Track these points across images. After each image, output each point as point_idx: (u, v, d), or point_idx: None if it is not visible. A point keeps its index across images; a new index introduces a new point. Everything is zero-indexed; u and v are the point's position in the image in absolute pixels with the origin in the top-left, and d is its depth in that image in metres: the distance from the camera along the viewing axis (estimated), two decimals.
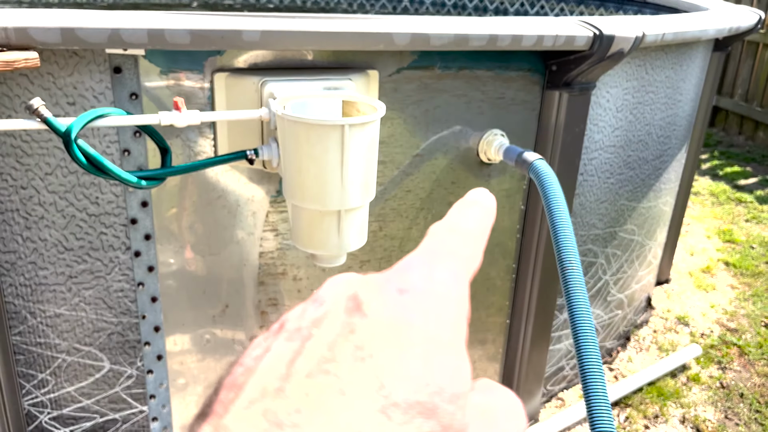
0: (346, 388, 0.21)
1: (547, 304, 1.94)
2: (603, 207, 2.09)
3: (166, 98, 1.33)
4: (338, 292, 0.24)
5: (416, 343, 0.22)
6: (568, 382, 2.36)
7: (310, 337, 0.23)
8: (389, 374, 0.21)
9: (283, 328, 0.24)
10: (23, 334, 1.45)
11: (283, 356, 0.22)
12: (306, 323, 0.23)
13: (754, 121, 5.23)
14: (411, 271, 0.25)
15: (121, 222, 1.40)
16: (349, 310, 0.23)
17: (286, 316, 0.25)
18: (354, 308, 0.23)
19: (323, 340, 0.22)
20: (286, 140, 1.18)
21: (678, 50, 2.10)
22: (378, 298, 0.23)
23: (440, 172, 1.66)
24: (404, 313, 0.23)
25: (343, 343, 0.22)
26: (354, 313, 0.23)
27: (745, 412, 2.28)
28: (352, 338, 0.22)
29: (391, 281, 0.24)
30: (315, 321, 0.23)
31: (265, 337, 0.24)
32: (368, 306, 0.23)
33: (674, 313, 2.85)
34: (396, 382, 0.21)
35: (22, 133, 1.28)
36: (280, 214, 1.53)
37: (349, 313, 0.23)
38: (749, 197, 4.18)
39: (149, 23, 1.15)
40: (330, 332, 0.22)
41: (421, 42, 1.34)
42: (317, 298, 0.25)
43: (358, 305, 0.23)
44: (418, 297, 0.23)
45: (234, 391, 0.22)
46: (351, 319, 0.23)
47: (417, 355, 0.22)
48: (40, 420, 1.54)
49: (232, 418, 0.21)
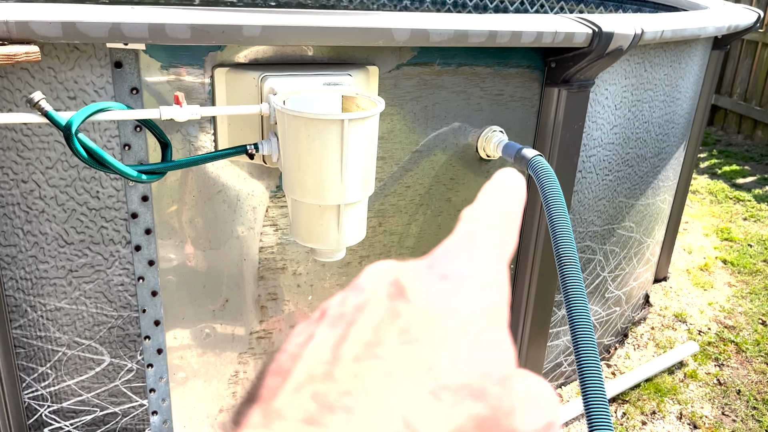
0: (394, 370, 0.21)
1: (545, 301, 1.95)
2: (601, 204, 2.09)
3: (167, 93, 1.33)
4: (379, 279, 0.24)
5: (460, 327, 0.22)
6: (566, 378, 2.37)
7: (354, 322, 0.23)
8: (437, 357, 0.21)
9: (325, 315, 0.24)
10: (24, 328, 1.45)
11: (328, 341, 0.22)
12: (349, 309, 0.23)
13: (753, 120, 5.24)
14: (450, 257, 0.25)
15: (121, 216, 1.41)
16: (392, 296, 0.23)
17: (327, 303, 0.25)
18: (397, 294, 0.23)
19: (368, 325, 0.22)
20: (286, 135, 1.18)
21: (677, 48, 2.11)
22: (420, 284, 0.23)
23: (439, 168, 1.66)
24: (447, 298, 0.23)
25: (388, 327, 0.22)
26: (397, 298, 0.23)
27: (742, 408, 2.29)
28: (398, 322, 0.22)
29: (432, 267, 0.24)
30: (358, 307, 0.23)
31: (307, 324, 0.24)
32: (411, 291, 0.23)
33: (672, 311, 2.86)
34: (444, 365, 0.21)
35: (23, 126, 1.28)
36: (280, 209, 1.53)
37: (392, 299, 0.23)
38: (747, 196, 4.19)
39: (150, 18, 1.15)
40: (374, 317, 0.22)
41: (421, 38, 1.35)
42: (357, 286, 0.25)
43: (401, 291, 0.23)
44: (459, 282, 0.24)
45: (280, 376, 0.22)
46: (395, 304, 0.23)
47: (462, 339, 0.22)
48: (40, 413, 1.55)
49: (281, 402, 0.21)
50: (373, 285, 0.24)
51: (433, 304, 0.23)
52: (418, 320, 0.22)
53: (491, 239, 0.26)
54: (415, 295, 0.23)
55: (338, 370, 0.21)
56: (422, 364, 0.21)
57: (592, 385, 1.05)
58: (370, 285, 0.24)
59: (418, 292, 0.23)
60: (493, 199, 0.28)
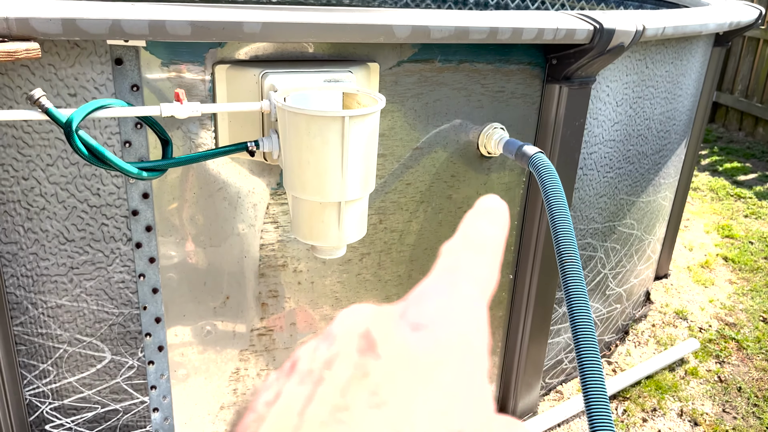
0: None
1: (546, 298, 1.95)
2: (602, 201, 2.09)
3: (167, 90, 1.33)
4: (350, 328, 0.23)
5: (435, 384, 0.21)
6: (566, 375, 2.37)
7: (321, 380, 0.21)
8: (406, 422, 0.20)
9: (294, 369, 0.23)
10: (25, 325, 1.45)
11: (295, 403, 0.21)
12: (317, 365, 0.22)
13: (754, 117, 5.23)
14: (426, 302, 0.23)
15: (122, 213, 1.41)
16: (362, 350, 0.22)
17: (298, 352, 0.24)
18: (367, 348, 0.22)
19: (335, 385, 0.21)
20: (287, 132, 1.18)
21: (678, 45, 2.10)
22: (391, 337, 0.22)
23: (440, 165, 1.66)
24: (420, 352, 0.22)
25: (356, 389, 0.21)
26: (367, 354, 0.22)
27: (742, 405, 2.29)
28: (366, 383, 0.21)
29: (405, 316, 0.23)
30: (326, 362, 0.22)
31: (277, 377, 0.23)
32: (381, 346, 0.22)
33: (673, 308, 2.86)
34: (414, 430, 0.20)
35: (23, 123, 1.28)
36: (281, 206, 1.53)
37: (361, 354, 0.22)
38: (749, 193, 4.18)
39: (150, 14, 1.15)
40: (342, 375, 0.21)
41: (422, 34, 1.34)
42: (329, 334, 0.23)
43: (371, 345, 0.22)
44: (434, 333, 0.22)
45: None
46: (364, 360, 0.21)
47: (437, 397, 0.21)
48: (41, 410, 1.55)
49: None
50: (344, 335, 0.23)
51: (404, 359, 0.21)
52: (388, 380, 0.21)
53: (472, 276, 0.25)
54: (386, 350, 0.22)
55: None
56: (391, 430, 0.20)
57: (593, 382, 1.05)
58: (341, 335, 0.23)
59: (389, 346, 0.22)
60: (474, 230, 0.26)
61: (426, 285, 0.24)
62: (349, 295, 1.70)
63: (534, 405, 2.19)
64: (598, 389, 1.04)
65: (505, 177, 1.77)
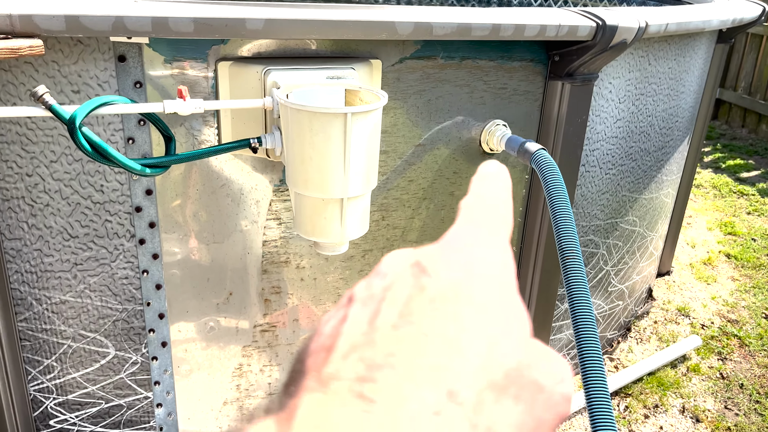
0: (429, 331, 0.23)
1: (547, 295, 1.95)
2: (604, 198, 2.09)
3: (170, 87, 1.34)
4: (399, 263, 0.27)
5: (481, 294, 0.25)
6: None
7: (384, 299, 0.25)
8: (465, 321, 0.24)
9: (353, 300, 0.26)
10: (29, 321, 1.46)
11: (364, 317, 0.25)
12: (377, 290, 0.26)
13: (757, 114, 5.22)
14: (460, 240, 0.27)
15: (125, 210, 1.41)
16: (416, 275, 0.26)
17: (353, 290, 0.27)
18: (420, 272, 0.26)
19: (398, 299, 0.25)
20: (290, 128, 1.18)
21: (681, 41, 2.10)
22: (439, 262, 0.26)
23: (442, 162, 1.66)
24: (465, 271, 0.26)
25: (417, 299, 0.24)
26: (421, 276, 0.25)
27: (744, 402, 2.30)
28: (425, 294, 0.25)
29: (445, 248, 0.27)
30: (385, 287, 0.26)
31: (336, 310, 0.26)
32: (432, 269, 0.26)
33: (675, 305, 2.86)
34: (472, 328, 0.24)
35: (27, 120, 1.29)
36: (284, 202, 1.54)
37: (416, 277, 0.25)
38: (751, 190, 4.18)
39: (153, 11, 1.15)
40: (402, 292, 0.25)
41: (424, 31, 1.34)
42: (379, 272, 0.27)
43: (423, 269, 0.26)
44: (472, 258, 0.26)
45: (323, 352, 0.24)
46: (419, 280, 0.25)
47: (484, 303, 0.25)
48: (45, 405, 1.56)
49: (332, 368, 0.23)
50: (395, 269, 0.26)
51: (452, 278, 0.25)
52: (444, 291, 0.25)
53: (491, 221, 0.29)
54: (436, 271, 0.25)
55: (378, 337, 0.23)
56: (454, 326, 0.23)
57: (595, 378, 1.05)
58: (392, 269, 0.27)
59: (439, 268, 0.26)
60: (483, 188, 0.31)
61: (456, 229, 0.28)
62: None
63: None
64: (599, 386, 1.05)
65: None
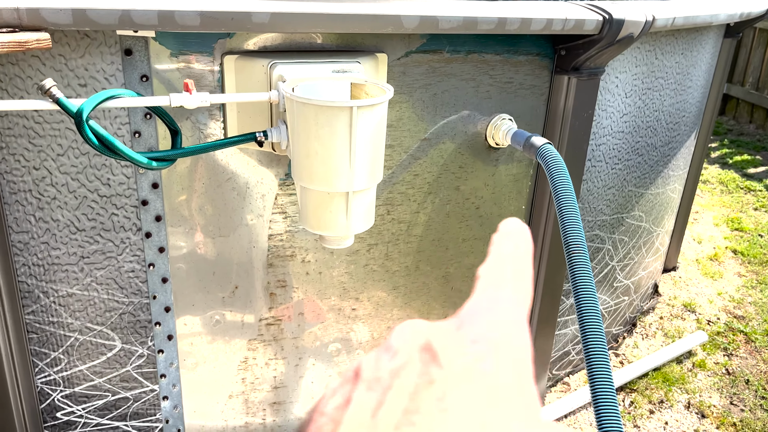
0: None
1: (553, 289, 1.95)
2: (610, 193, 2.09)
3: (176, 81, 1.34)
4: (410, 341, 0.25)
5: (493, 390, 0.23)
6: (573, 367, 2.37)
7: (390, 387, 0.23)
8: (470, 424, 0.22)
9: (359, 377, 0.25)
10: (36, 313, 1.47)
11: (367, 406, 0.23)
12: (384, 373, 0.24)
13: (765, 109, 5.19)
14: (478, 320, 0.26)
15: (132, 203, 1.42)
16: (425, 362, 0.24)
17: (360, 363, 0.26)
18: (430, 360, 0.24)
19: (404, 391, 0.23)
20: (295, 122, 1.18)
21: (688, 35, 2.09)
22: (452, 349, 0.24)
23: (448, 156, 1.66)
24: (479, 363, 0.24)
25: (424, 394, 0.23)
26: (431, 364, 0.24)
27: (750, 398, 2.29)
28: (432, 390, 0.23)
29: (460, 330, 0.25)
30: (392, 372, 0.24)
31: (342, 384, 0.25)
32: (444, 356, 0.24)
33: (681, 300, 2.85)
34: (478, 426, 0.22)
35: (34, 114, 1.29)
36: (289, 196, 1.54)
37: (425, 364, 0.24)
38: (759, 186, 4.16)
39: (159, 5, 1.15)
40: (409, 383, 0.23)
41: (430, 25, 1.34)
42: (389, 347, 0.26)
43: (434, 356, 0.24)
44: (489, 346, 0.25)
45: None
46: (428, 370, 0.24)
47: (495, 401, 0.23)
48: (52, 398, 1.57)
49: None
50: (405, 348, 0.25)
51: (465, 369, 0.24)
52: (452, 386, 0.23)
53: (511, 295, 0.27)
54: (448, 360, 0.24)
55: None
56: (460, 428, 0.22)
57: (600, 373, 1.05)
58: (403, 347, 0.25)
59: (451, 356, 0.24)
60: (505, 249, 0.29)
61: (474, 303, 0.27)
62: (357, 285, 1.71)
63: (541, 396, 2.20)
64: (605, 381, 1.05)
65: (513, 168, 1.77)
